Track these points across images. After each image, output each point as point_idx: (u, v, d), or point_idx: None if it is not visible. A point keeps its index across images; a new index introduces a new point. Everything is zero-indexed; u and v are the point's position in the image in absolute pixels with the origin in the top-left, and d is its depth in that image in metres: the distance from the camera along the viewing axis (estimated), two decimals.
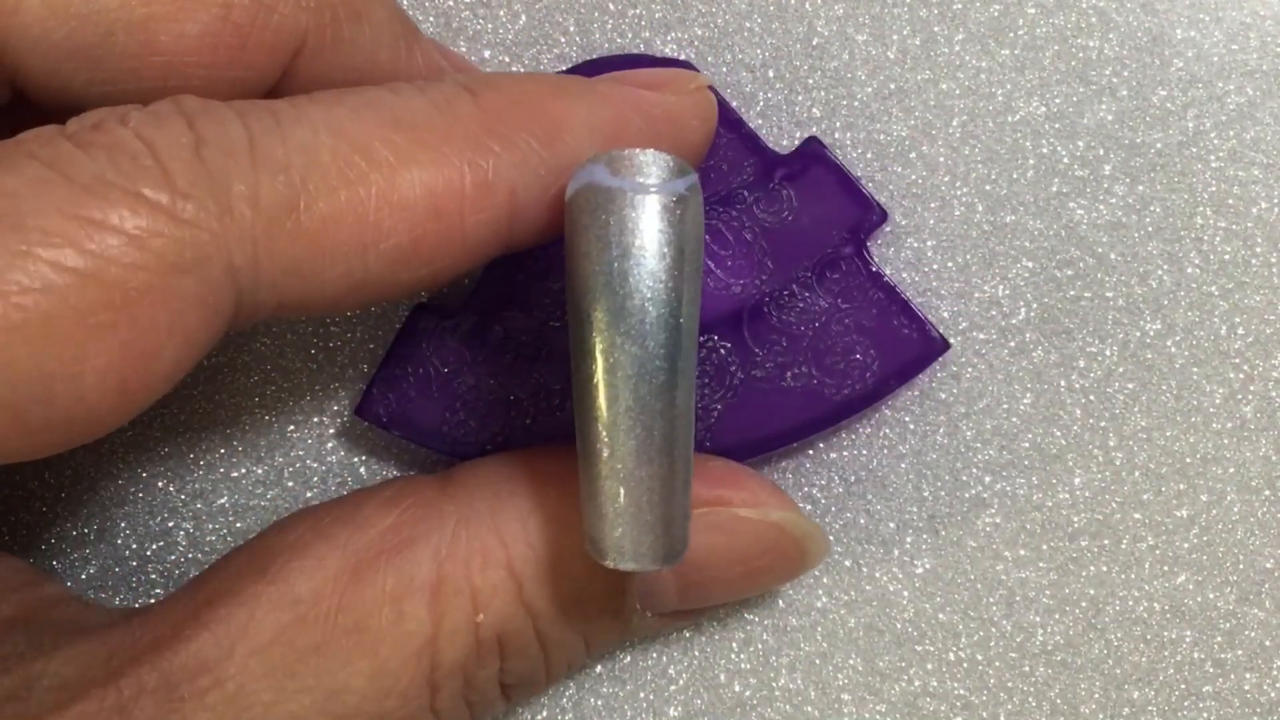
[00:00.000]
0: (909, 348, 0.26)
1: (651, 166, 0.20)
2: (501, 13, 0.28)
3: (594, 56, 0.28)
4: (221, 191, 0.19)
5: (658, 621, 0.26)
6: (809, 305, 0.26)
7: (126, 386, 0.19)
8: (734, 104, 0.28)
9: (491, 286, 0.26)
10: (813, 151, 0.26)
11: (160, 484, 0.28)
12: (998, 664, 0.28)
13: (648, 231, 0.20)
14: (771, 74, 0.28)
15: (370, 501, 0.24)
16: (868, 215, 0.26)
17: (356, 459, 0.28)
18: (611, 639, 0.25)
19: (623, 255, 0.20)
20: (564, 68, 0.28)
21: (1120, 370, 0.28)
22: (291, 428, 0.28)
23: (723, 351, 0.26)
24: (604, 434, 0.21)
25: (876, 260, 0.26)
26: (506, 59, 0.28)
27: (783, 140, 0.28)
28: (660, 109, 0.23)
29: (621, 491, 0.21)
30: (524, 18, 0.28)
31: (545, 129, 0.21)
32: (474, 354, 0.26)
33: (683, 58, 0.28)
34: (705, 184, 0.25)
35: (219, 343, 0.24)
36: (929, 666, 0.28)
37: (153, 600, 0.28)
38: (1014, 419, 0.28)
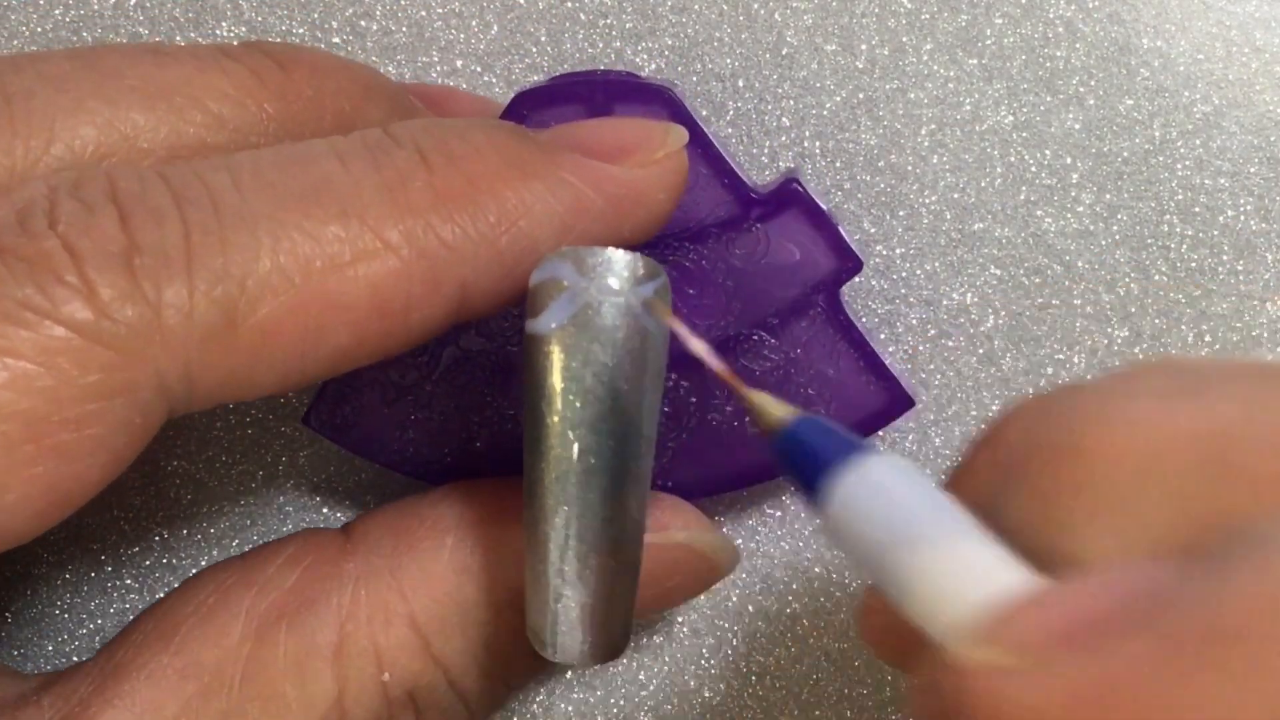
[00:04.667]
0: (872, 402, 0.25)
1: (620, 268, 0.20)
2: (474, 23, 0.28)
3: (566, 68, 0.28)
4: (152, 306, 0.18)
5: None
6: (773, 351, 0.25)
7: (49, 509, 0.18)
8: (704, 113, 0.28)
9: None
10: (791, 192, 0.25)
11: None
12: None
13: (611, 338, 0.20)
14: (741, 83, 0.28)
15: (274, 560, 0.23)
16: (844, 264, 0.25)
17: (303, 470, 0.28)
18: (533, 674, 0.25)
19: (583, 361, 0.20)
20: (536, 78, 0.28)
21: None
22: (250, 431, 0.28)
23: (682, 390, 0.25)
24: (553, 535, 0.20)
25: (850, 307, 0.25)
26: (479, 69, 0.28)
27: (753, 149, 0.28)
28: (624, 187, 0.22)
29: (567, 592, 0.20)
30: (495, 28, 0.28)
31: (500, 216, 0.20)
32: (429, 372, 0.26)
33: (653, 67, 0.28)
34: (678, 218, 0.24)
35: None
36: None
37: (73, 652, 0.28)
38: (983, 426, 0.28)
